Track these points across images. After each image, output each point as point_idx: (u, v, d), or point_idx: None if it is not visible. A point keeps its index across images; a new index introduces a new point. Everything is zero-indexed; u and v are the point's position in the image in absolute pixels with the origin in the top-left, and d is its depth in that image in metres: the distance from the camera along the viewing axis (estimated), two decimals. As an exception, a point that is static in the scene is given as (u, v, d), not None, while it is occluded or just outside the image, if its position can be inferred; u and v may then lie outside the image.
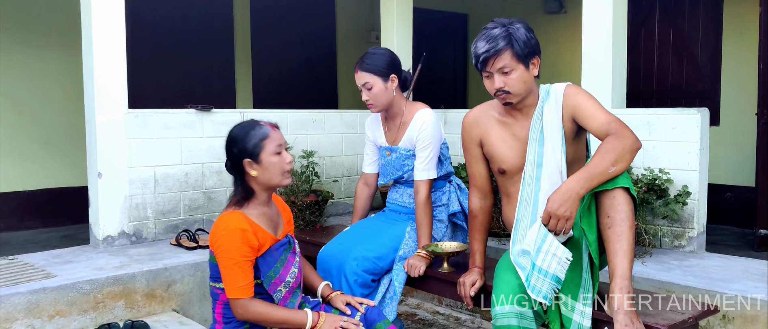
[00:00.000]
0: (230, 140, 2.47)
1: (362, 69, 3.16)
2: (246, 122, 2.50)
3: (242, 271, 2.36)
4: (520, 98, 2.51)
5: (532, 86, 2.53)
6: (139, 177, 4.08)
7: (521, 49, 2.42)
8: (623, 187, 2.29)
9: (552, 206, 2.23)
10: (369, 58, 3.17)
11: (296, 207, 4.11)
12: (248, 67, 6.84)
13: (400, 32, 5.41)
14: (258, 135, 2.44)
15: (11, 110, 5.39)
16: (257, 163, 2.43)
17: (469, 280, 2.75)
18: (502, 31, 2.43)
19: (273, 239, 2.49)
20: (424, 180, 3.15)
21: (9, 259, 3.71)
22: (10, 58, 5.34)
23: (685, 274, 3.40)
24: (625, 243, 2.29)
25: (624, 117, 3.95)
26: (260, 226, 2.44)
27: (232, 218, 2.39)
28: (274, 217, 2.56)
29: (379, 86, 3.16)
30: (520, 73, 2.45)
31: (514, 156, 2.62)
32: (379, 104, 3.21)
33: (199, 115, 4.31)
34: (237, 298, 2.37)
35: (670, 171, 3.80)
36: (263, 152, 2.43)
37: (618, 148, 2.27)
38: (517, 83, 2.46)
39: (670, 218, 3.81)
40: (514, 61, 2.43)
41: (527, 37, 2.44)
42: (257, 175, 2.44)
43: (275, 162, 2.45)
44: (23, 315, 3.11)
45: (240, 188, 2.48)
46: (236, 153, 2.43)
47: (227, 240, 2.36)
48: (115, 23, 3.89)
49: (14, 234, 5.33)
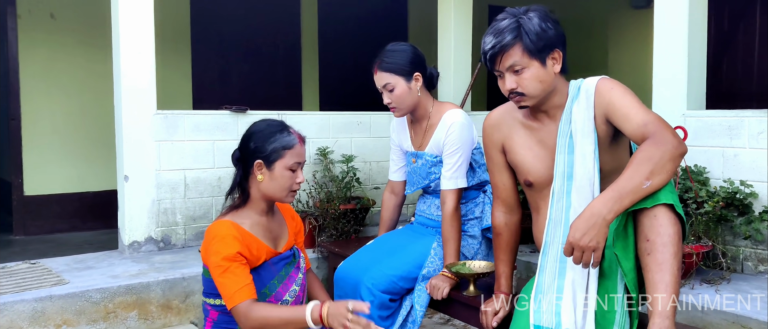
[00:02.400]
0: (251, 133, 2.21)
1: (381, 69, 2.83)
2: (275, 122, 2.23)
3: (235, 275, 2.05)
4: (537, 101, 2.10)
5: (554, 85, 2.10)
6: (168, 181, 3.92)
7: (533, 42, 2.01)
8: (666, 204, 1.86)
9: (574, 235, 1.84)
10: (388, 56, 2.83)
11: (330, 215, 3.83)
12: (315, 68, 6.66)
13: (458, 28, 5.02)
14: (282, 142, 2.17)
15: (73, 110, 5.42)
16: (269, 169, 2.16)
17: (491, 309, 2.38)
18: (511, 23, 2.03)
19: (270, 252, 2.20)
20: (451, 190, 2.79)
21: (31, 263, 3.64)
22: (64, 59, 5.36)
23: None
24: (667, 274, 1.86)
25: (702, 121, 3.43)
26: (254, 236, 2.16)
27: (221, 226, 2.12)
28: (274, 228, 2.28)
29: (401, 87, 2.82)
30: (534, 72, 2.04)
31: (541, 166, 2.20)
32: (402, 107, 2.87)
33: (233, 116, 4.12)
34: (237, 305, 2.06)
35: (753, 184, 3.23)
36: (280, 161, 2.16)
37: (655, 156, 1.83)
38: (531, 82, 2.05)
39: (754, 239, 3.25)
40: (526, 57, 2.02)
41: (542, 27, 2.02)
42: (263, 181, 2.16)
43: (286, 177, 2.17)
44: (27, 323, 2.99)
45: (238, 187, 2.22)
46: (252, 149, 2.17)
47: (215, 248, 2.08)
48: (144, 23, 3.76)
49: (76, 235, 5.37)
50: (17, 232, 5.29)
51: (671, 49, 3.58)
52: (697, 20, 3.56)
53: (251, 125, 2.24)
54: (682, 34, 3.52)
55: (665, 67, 3.62)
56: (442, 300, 2.68)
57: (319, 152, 4.36)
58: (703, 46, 3.62)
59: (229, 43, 6.14)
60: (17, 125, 5.25)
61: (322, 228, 3.88)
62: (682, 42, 3.52)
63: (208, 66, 6.04)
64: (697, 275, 3.23)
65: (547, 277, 2.13)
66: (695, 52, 3.56)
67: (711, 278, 3.19)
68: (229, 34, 6.13)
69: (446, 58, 5.09)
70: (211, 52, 6.04)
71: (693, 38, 3.54)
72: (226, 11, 6.09)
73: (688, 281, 3.15)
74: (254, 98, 5.91)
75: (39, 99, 5.30)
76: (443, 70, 5.13)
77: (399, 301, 2.83)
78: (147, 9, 3.76)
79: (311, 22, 6.59)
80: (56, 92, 5.37)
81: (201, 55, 6.00)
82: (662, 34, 3.63)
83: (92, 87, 5.37)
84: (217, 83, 6.08)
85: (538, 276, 2.15)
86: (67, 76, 5.39)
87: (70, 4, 5.34)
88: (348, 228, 3.90)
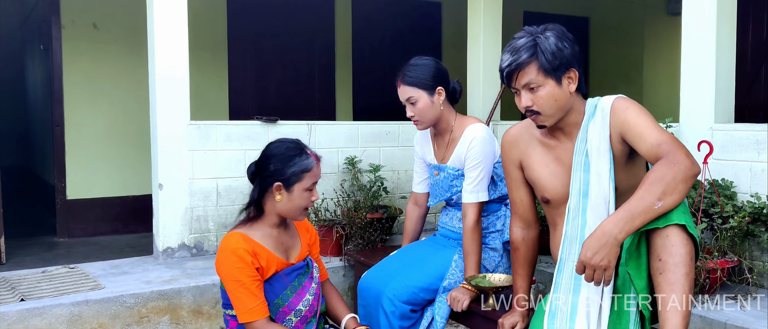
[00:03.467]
0: (270, 156, 2.28)
1: (404, 82, 2.88)
2: (293, 144, 2.30)
3: (249, 292, 2.16)
4: (554, 119, 2.13)
5: (570, 104, 2.12)
6: (200, 189, 4.04)
7: (549, 61, 2.04)
8: (678, 224, 1.88)
9: (586, 255, 1.87)
10: (411, 69, 2.89)
11: (356, 225, 3.90)
12: (349, 78, 6.74)
13: (488, 38, 5.04)
14: (302, 165, 2.25)
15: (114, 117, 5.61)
16: (287, 191, 2.24)
17: (509, 322, 2.43)
18: (528, 41, 2.07)
19: (282, 263, 2.28)
20: (472, 203, 2.83)
21: (70, 267, 3.79)
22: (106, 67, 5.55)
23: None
24: (678, 294, 1.89)
25: (729, 135, 3.41)
26: (265, 248, 2.25)
27: (231, 239, 2.22)
28: (285, 240, 2.36)
29: (424, 101, 2.88)
30: (549, 90, 2.07)
31: (558, 184, 2.23)
32: (425, 121, 2.93)
33: (264, 126, 4.22)
34: (250, 322, 2.18)
35: (780, 199, 3.20)
36: (298, 183, 2.24)
37: (667, 177, 1.85)
38: (546, 101, 2.08)
39: (781, 255, 3.22)
40: (542, 75, 2.06)
41: (558, 46, 2.05)
42: (280, 201, 2.24)
43: (304, 197, 2.26)
44: (65, 326, 3.12)
45: (253, 203, 2.30)
46: (271, 171, 2.25)
47: (227, 262, 2.18)
48: (179, 38, 3.89)
49: (117, 238, 5.55)
50: (61, 234, 5.49)
51: (699, 63, 3.55)
52: (725, 33, 3.53)
53: (269, 145, 2.30)
54: (710, 47, 3.49)
55: (693, 80, 3.59)
56: (462, 312, 2.73)
57: (348, 162, 4.44)
58: (731, 60, 3.59)
59: (264, 53, 6.26)
60: (61, 131, 5.45)
61: (348, 237, 3.95)
62: (710, 55, 3.49)
63: (245, 76, 6.17)
64: (723, 290, 3.21)
65: (561, 294, 2.16)
66: (723, 66, 3.52)
67: (736, 293, 3.16)
68: (265, 45, 6.25)
69: (475, 69, 5.11)
70: (248, 62, 6.17)
71: (721, 51, 3.51)
72: (262, 22, 6.21)
73: (712, 296, 3.13)
74: (289, 107, 6.03)
75: (82, 106, 5.49)
76: (472, 80, 5.16)
77: (420, 312, 2.88)
78: (181, 24, 3.89)
79: (345, 32, 6.67)
80: (98, 100, 5.56)
81: (237, 66, 6.14)
82: (690, 48, 3.60)
83: (133, 94, 5.54)
84: (252, 93, 6.21)
85: (553, 292, 2.19)
86: (108, 84, 5.57)
87: (112, 14, 5.53)
88: (374, 237, 3.96)
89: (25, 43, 8.47)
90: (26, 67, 8.66)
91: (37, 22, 6.60)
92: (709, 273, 3.07)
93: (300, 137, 4.27)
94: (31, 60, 8.00)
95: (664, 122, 3.67)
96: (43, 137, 6.94)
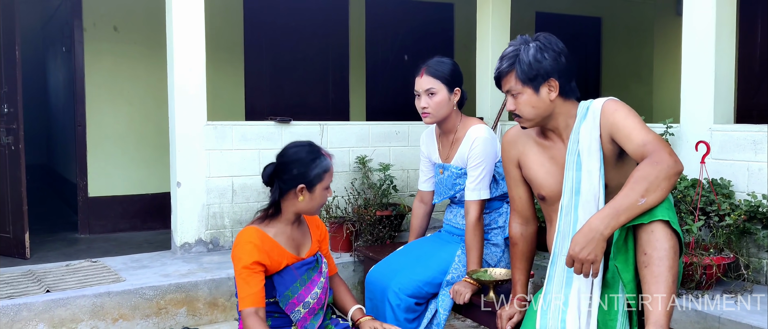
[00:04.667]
0: (293, 160, 2.39)
1: (429, 73, 2.99)
2: (310, 148, 2.43)
3: (246, 282, 2.30)
4: (533, 123, 2.29)
5: (549, 110, 2.26)
6: (217, 187, 4.20)
7: (525, 72, 2.21)
8: (662, 220, 1.99)
9: (574, 249, 2.00)
10: (437, 64, 3.02)
11: (366, 221, 4.04)
12: (362, 78, 6.89)
13: (496, 40, 5.16)
14: (322, 166, 2.40)
15: (134, 117, 5.79)
16: (310, 192, 2.38)
17: (506, 314, 2.54)
18: (512, 51, 2.24)
19: (292, 258, 2.42)
20: (474, 201, 2.95)
21: (92, 261, 3.97)
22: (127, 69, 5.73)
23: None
24: (662, 285, 2.00)
25: (728, 135, 3.50)
26: (277, 243, 2.39)
27: (247, 233, 2.37)
28: (297, 236, 2.50)
29: (443, 95, 3.00)
30: (526, 98, 2.24)
31: (553, 182, 2.36)
32: (437, 115, 3.04)
33: (278, 127, 4.37)
34: (243, 309, 2.31)
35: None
36: (320, 184, 2.39)
37: (650, 175, 1.97)
38: (524, 107, 2.25)
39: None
40: (519, 84, 2.23)
41: (537, 58, 2.20)
42: (303, 201, 2.39)
43: (324, 196, 2.43)
44: (88, 317, 3.29)
45: (273, 205, 2.44)
46: (294, 175, 2.37)
47: (238, 252, 2.33)
48: (196, 42, 4.05)
49: (136, 234, 5.73)
50: (82, 230, 5.68)
51: (699, 65, 3.65)
52: (724, 36, 3.62)
53: (287, 151, 2.41)
54: (710, 50, 3.59)
55: (693, 82, 3.69)
56: (464, 305, 2.85)
57: (358, 161, 4.58)
58: (730, 62, 3.68)
59: (280, 55, 6.42)
60: (82, 131, 5.64)
61: (358, 234, 4.09)
62: (710, 58, 3.59)
63: (260, 77, 6.33)
64: (719, 286, 3.31)
65: (554, 286, 2.28)
66: (723, 68, 3.62)
67: (733, 289, 3.26)
68: (280, 47, 6.41)
69: (484, 70, 5.23)
70: (263, 64, 6.33)
71: (720, 54, 3.60)
72: (278, 25, 6.37)
73: (708, 291, 3.23)
74: (304, 107, 6.18)
75: (103, 106, 5.68)
76: (481, 81, 5.27)
77: (425, 305, 3.00)
78: (198, 29, 4.05)
79: (359, 33, 6.81)
80: (119, 100, 5.74)
81: (253, 67, 6.30)
82: (690, 50, 3.70)
83: (152, 95, 5.72)
84: (268, 93, 6.37)
85: (546, 284, 2.31)
86: (129, 85, 5.76)
87: (132, 17, 5.71)
88: (383, 234, 4.09)
89: (47, 45, 8.69)
90: (48, 69, 8.88)
91: (59, 24, 6.80)
92: (705, 269, 3.17)
93: (312, 137, 4.48)
94: (53, 61, 8.22)
95: (665, 122, 3.77)
96: (66, 137, 7.14)
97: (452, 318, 4.05)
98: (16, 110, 4.35)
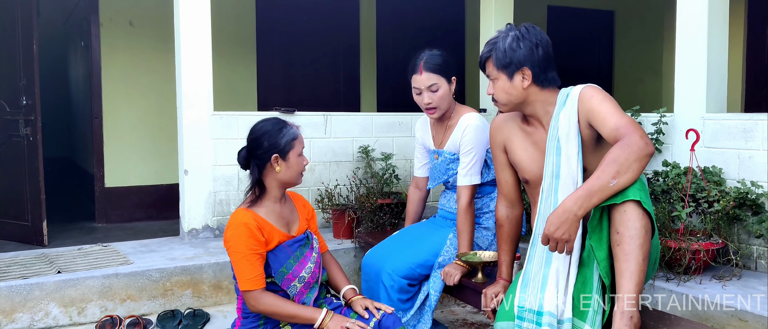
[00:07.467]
0: (261, 134, 2.53)
1: (428, 69, 3.07)
2: (275, 120, 2.59)
3: (250, 263, 2.44)
4: (508, 108, 2.42)
5: (523, 97, 2.37)
6: (223, 175, 4.34)
7: (499, 59, 2.33)
8: (634, 200, 2.08)
9: (549, 229, 2.11)
10: (433, 58, 3.08)
11: (367, 209, 4.15)
12: (373, 70, 6.98)
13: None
14: (290, 134, 2.54)
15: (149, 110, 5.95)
16: (284, 160, 2.52)
17: (491, 291, 2.64)
18: (493, 38, 2.38)
19: (284, 236, 2.55)
20: (465, 186, 3.06)
21: (103, 246, 4.12)
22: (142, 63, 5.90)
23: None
24: (632, 263, 2.10)
25: (719, 124, 3.56)
26: (269, 222, 2.52)
27: (239, 215, 2.49)
28: (286, 214, 2.62)
29: (444, 88, 3.10)
30: (501, 84, 2.37)
31: (536, 166, 2.46)
32: (442, 108, 3.14)
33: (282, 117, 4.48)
34: (248, 290, 2.45)
35: (763, 184, 3.34)
36: (292, 151, 2.53)
37: (621, 157, 2.06)
38: (500, 92, 2.39)
39: (766, 238, 3.36)
40: (495, 70, 2.37)
41: (512, 47, 2.31)
42: (280, 171, 2.52)
43: (298, 162, 2.56)
44: (97, 297, 3.44)
45: (255, 184, 2.57)
46: (266, 147, 2.51)
47: (234, 235, 2.46)
48: (202, 34, 4.18)
49: (151, 224, 5.87)
50: (99, 220, 5.85)
51: (691, 55, 3.71)
52: (717, 27, 3.68)
53: (255, 127, 2.55)
54: (702, 40, 3.65)
55: (686, 72, 3.75)
56: (454, 286, 2.96)
57: (361, 151, 4.69)
58: (723, 52, 3.73)
59: (291, 49, 6.54)
60: (99, 123, 5.81)
61: (360, 221, 4.20)
62: (702, 48, 3.65)
63: (272, 69, 6.46)
64: (709, 271, 3.37)
65: (534, 265, 2.38)
66: (715, 58, 3.67)
67: (722, 274, 3.32)
68: (292, 41, 6.53)
69: (488, 62, 5.30)
70: (275, 56, 6.46)
71: (712, 44, 3.66)
72: (289, 19, 6.49)
73: (696, 276, 3.30)
74: (315, 101, 6.28)
75: (119, 99, 5.85)
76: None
77: (418, 286, 3.12)
78: (205, 19, 4.18)
79: (370, 26, 6.90)
80: (134, 93, 5.90)
81: (265, 59, 6.43)
82: (683, 41, 3.77)
83: (167, 89, 5.82)
84: (279, 86, 6.50)
85: (526, 264, 2.41)
86: (144, 79, 5.92)
87: (147, 12, 5.87)
88: (384, 221, 4.20)
89: (67, 41, 8.91)
90: (69, 64, 9.11)
91: (78, 20, 6.98)
92: (693, 254, 3.24)
93: (316, 127, 4.60)
94: (73, 56, 8.43)
95: (659, 111, 3.84)
96: (84, 129, 7.34)
97: (453, 304, 4.15)
98: (34, 101, 4.51)
